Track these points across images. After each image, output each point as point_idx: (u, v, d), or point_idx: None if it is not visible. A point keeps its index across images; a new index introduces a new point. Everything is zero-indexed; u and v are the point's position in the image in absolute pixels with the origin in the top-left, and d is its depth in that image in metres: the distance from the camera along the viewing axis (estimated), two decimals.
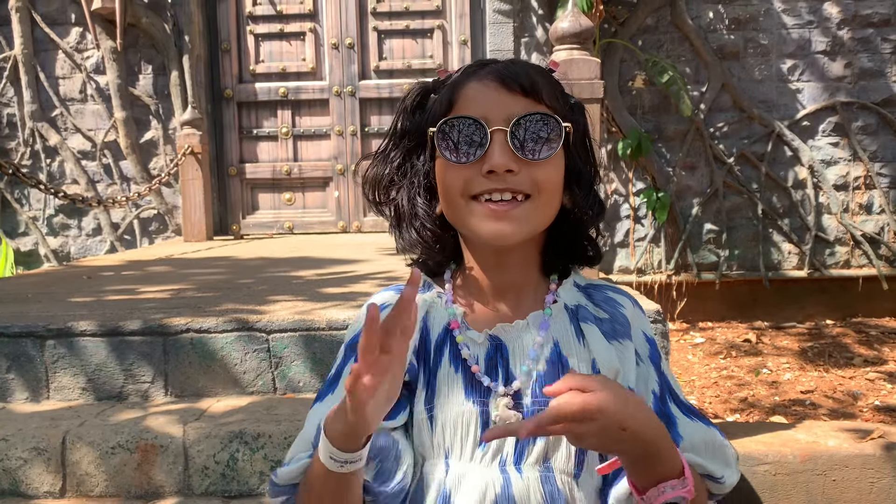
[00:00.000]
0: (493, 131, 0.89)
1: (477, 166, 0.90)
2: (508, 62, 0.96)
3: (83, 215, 5.25)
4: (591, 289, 1.02)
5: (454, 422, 0.92)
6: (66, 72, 5.18)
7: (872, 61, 4.94)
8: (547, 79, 0.95)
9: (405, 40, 5.34)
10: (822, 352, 4.12)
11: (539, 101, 0.91)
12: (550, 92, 0.94)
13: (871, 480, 2.44)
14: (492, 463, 0.91)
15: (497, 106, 0.90)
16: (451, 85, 0.95)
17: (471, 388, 0.93)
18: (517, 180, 0.89)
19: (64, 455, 1.87)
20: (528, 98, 0.91)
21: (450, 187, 0.92)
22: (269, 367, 2.16)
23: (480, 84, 0.92)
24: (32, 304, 2.60)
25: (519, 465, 0.91)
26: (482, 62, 0.97)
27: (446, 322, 0.96)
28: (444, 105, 0.94)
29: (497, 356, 0.94)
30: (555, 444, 0.92)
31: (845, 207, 5.03)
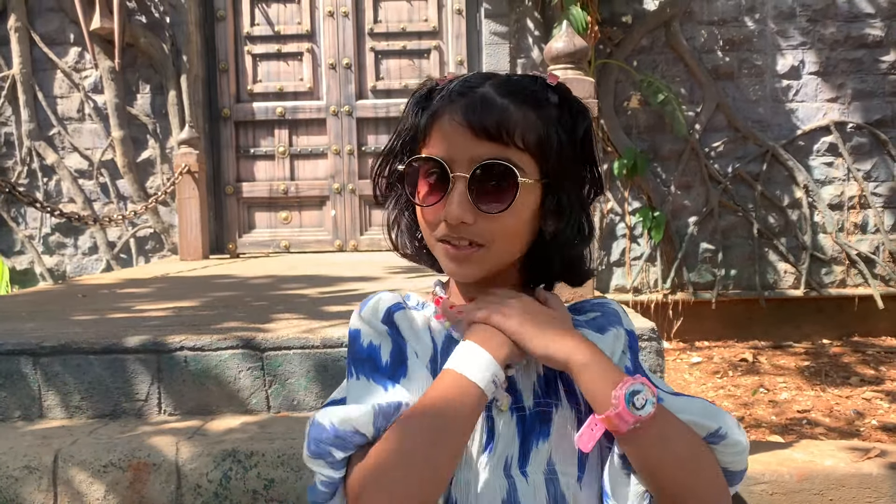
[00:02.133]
0: (455, 177, 0.89)
1: (441, 207, 0.91)
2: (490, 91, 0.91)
3: (79, 234, 5.24)
4: (577, 304, 1.04)
5: None
6: (64, 91, 5.20)
7: (865, 82, 4.98)
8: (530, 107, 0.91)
9: (402, 61, 5.38)
10: (820, 371, 4.11)
11: (507, 145, 0.89)
12: (528, 126, 0.90)
13: (868, 500, 2.43)
14: (497, 468, 0.91)
15: (462, 148, 0.90)
16: (430, 113, 0.94)
17: None
18: (472, 231, 0.90)
19: (56, 473, 1.86)
20: (497, 143, 0.89)
21: (422, 225, 0.96)
22: (264, 385, 2.16)
23: (451, 121, 0.91)
24: (27, 321, 2.59)
25: (524, 469, 0.91)
26: (467, 85, 0.93)
27: (446, 331, 0.98)
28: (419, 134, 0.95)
29: None
30: (558, 447, 0.92)
31: (840, 227, 5.04)
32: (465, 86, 0.93)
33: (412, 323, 0.98)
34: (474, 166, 0.89)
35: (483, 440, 0.91)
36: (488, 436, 0.91)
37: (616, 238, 5.08)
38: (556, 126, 0.92)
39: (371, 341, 0.95)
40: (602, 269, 5.06)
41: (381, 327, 0.96)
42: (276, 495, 1.86)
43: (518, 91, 0.92)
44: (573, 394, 0.93)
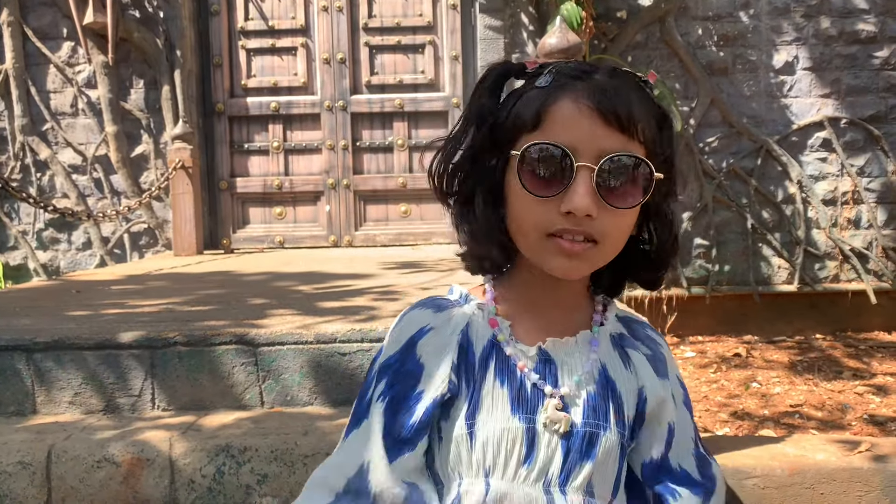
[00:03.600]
0: (580, 167, 0.84)
1: (556, 201, 0.85)
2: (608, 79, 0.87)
3: (73, 229, 5.23)
4: (631, 322, 1.00)
5: (498, 439, 0.88)
6: (57, 86, 5.19)
7: (859, 78, 4.99)
8: (644, 103, 0.88)
9: (396, 55, 5.37)
10: (812, 365, 4.14)
11: (633, 138, 0.85)
12: (647, 123, 0.87)
13: (858, 494, 2.44)
14: (536, 483, 0.88)
15: (589, 138, 0.84)
16: (542, 96, 0.87)
17: (517, 403, 0.90)
18: (593, 225, 0.85)
19: (49, 469, 1.86)
20: (624, 134, 0.85)
21: (524, 219, 0.88)
22: (258, 380, 2.16)
23: (575, 106, 0.85)
24: (20, 317, 2.59)
25: (564, 488, 0.88)
26: (579, 70, 0.88)
27: (491, 335, 0.93)
28: (531, 118, 0.87)
29: (546, 370, 0.92)
30: (601, 469, 0.90)
31: (834, 222, 5.06)
32: (579, 69, 0.88)
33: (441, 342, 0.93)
34: (602, 157, 0.83)
35: (522, 453, 0.89)
36: (528, 449, 0.89)
37: None
38: (666, 130, 0.90)
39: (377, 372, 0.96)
40: None
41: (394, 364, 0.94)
42: (270, 490, 1.87)
43: (632, 80, 0.89)
44: (622, 419, 0.92)
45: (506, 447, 0.88)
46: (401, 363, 0.93)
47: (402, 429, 0.90)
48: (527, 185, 0.86)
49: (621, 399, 0.92)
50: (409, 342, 0.93)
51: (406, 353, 0.93)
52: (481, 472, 0.89)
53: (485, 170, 0.91)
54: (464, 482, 0.89)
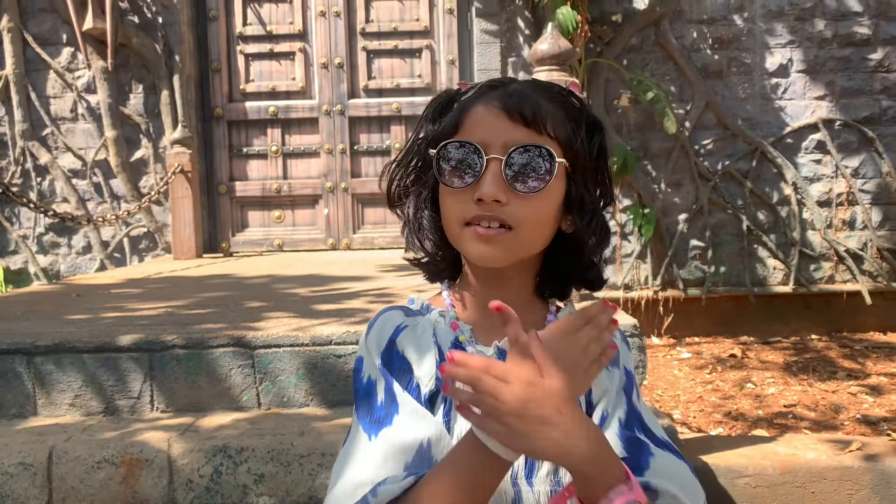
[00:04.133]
0: (489, 159, 0.92)
1: (470, 192, 0.93)
2: (522, 86, 0.97)
3: (73, 233, 5.27)
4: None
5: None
6: (57, 91, 5.22)
7: (853, 80, 5.03)
8: (558, 105, 0.96)
9: (394, 60, 5.41)
10: (807, 366, 4.17)
11: (541, 132, 0.93)
12: (557, 120, 0.95)
13: (849, 492, 2.47)
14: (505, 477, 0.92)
15: (497, 133, 0.93)
16: (461, 105, 0.98)
17: None
18: (504, 211, 0.92)
19: (50, 469, 1.89)
20: (530, 128, 0.93)
21: (447, 212, 0.97)
22: (255, 382, 2.19)
23: (485, 109, 0.94)
24: (21, 321, 2.62)
25: (530, 480, 0.94)
26: (498, 82, 0.98)
27: (454, 339, 0.99)
28: (450, 125, 0.97)
29: None
30: None
31: (829, 223, 5.09)
32: (496, 82, 0.98)
33: (418, 341, 0.99)
34: (509, 149, 0.92)
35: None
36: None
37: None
38: (580, 128, 0.97)
39: (370, 376, 0.98)
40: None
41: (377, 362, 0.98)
42: (266, 490, 1.90)
43: (548, 89, 0.98)
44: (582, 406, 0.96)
45: None
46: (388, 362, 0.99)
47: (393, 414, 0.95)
48: (444, 178, 0.95)
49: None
50: (389, 341, 0.99)
51: (390, 352, 0.99)
52: None
53: (424, 181, 1.01)
54: None
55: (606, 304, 0.85)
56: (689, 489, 0.94)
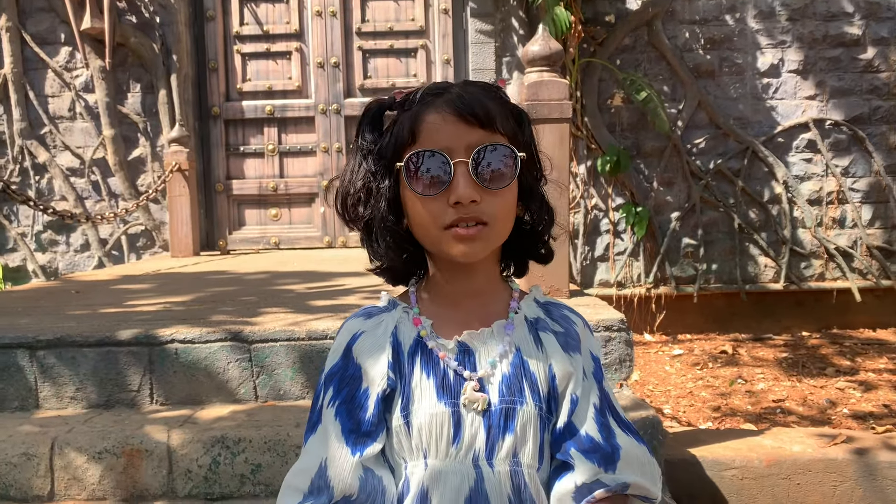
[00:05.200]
0: (457, 163, 0.97)
1: (443, 198, 0.97)
2: (462, 90, 1.02)
3: (71, 231, 5.31)
4: (550, 305, 1.10)
5: (429, 424, 0.99)
6: (55, 90, 5.26)
7: (843, 80, 5.09)
8: (498, 102, 1.02)
9: (389, 59, 5.46)
10: (797, 362, 4.22)
11: (494, 130, 0.99)
12: (503, 117, 1.01)
13: (833, 483, 2.53)
14: (465, 459, 0.99)
15: (457, 137, 0.97)
16: (412, 116, 1.01)
17: (441, 391, 1.00)
18: (480, 209, 0.97)
19: (53, 460, 1.94)
20: (485, 129, 0.98)
21: (423, 218, 1.00)
22: (251, 375, 2.24)
23: (439, 115, 0.99)
24: (22, 316, 2.67)
25: (491, 461, 0.98)
26: (437, 89, 1.03)
27: (416, 334, 1.04)
28: (406, 136, 1.00)
29: (465, 360, 1.02)
30: (522, 440, 0.99)
31: (819, 222, 5.15)
32: (437, 88, 1.02)
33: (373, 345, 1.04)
34: (472, 151, 0.97)
35: (451, 434, 0.99)
36: (455, 430, 0.99)
37: (600, 234, 5.18)
38: (519, 122, 1.04)
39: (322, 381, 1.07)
40: (586, 264, 5.16)
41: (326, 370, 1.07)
42: (263, 479, 1.95)
43: (487, 88, 1.03)
44: (536, 393, 1.01)
45: (436, 430, 1.00)
46: (344, 369, 1.05)
47: (360, 424, 1.02)
48: (417, 189, 0.99)
49: (534, 376, 1.02)
50: (346, 349, 1.06)
51: (346, 359, 1.06)
52: (420, 454, 1.00)
53: (380, 192, 1.05)
54: (408, 465, 1.01)
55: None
56: (647, 469, 1.02)
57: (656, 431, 2.07)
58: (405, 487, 1.00)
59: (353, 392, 1.03)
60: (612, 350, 2.19)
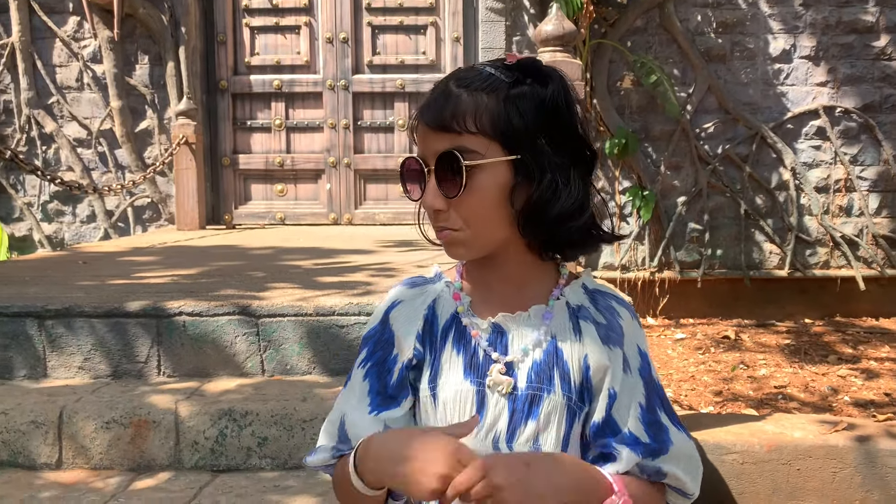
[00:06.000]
0: (428, 171, 0.98)
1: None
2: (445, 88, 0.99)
3: (77, 202, 5.32)
4: (597, 294, 1.06)
5: (453, 399, 1.00)
6: (63, 60, 5.25)
7: (855, 67, 5.05)
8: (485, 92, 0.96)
9: (398, 36, 5.42)
10: (799, 349, 4.23)
11: (461, 132, 0.95)
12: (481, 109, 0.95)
13: (833, 470, 2.55)
14: (486, 439, 0.99)
15: (428, 145, 0.99)
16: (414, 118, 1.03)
17: (469, 368, 1.01)
18: (448, 217, 0.98)
19: (61, 428, 1.96)
20: (449, 132, 0.96)
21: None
22: (259, 350, 2.26)
23: (420, 122, 1.00)
24: (30, 286, 2.68)
25: (511, 444, 0.99)
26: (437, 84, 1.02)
27: (453, 310, 1.05)
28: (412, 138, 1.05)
29: (497, 341, 1.02)
30: (545, 426, 0.99)
31: (826, 209, 5.14)
32: (433, 88, 1.02)
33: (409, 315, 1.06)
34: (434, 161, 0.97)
35: (473, 412, 1.00)
36: (478, 409, 1.00)
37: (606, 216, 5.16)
38: (514, 102, 0.96)
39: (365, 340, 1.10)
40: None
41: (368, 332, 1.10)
42: (269, 452, 1.97)
43: (471, 79, 0.98)
44: (567, 382, 1.00)
45: (460, 407, 1.01)
46: (380, 333, 1.08)
47: (385, 387, 1.05)
48: (406, 190, 1.03)
49: (567, 365, 1.01)
50: (384, 315, 1.08)
51: (383, 325, 1.08)
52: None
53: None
54: None
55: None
56: (691, 465, 1.01)
57: None
58: None
59: (385, 357, 1.06)
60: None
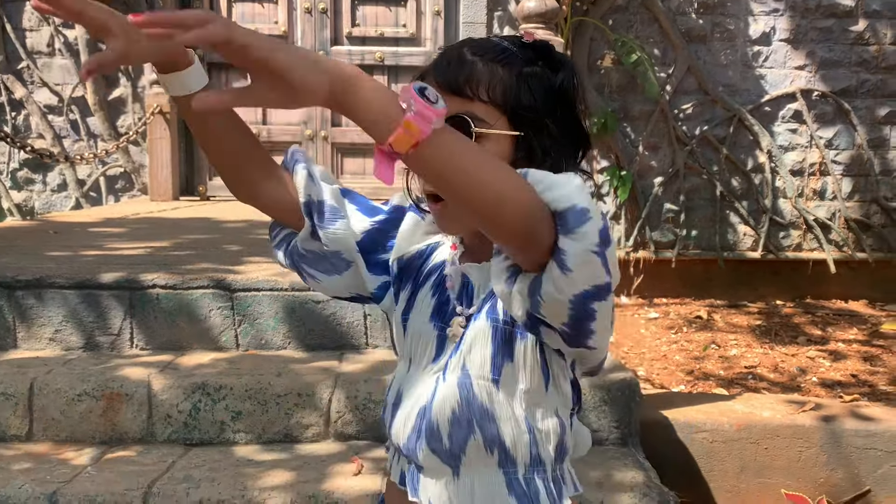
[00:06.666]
0: None
1: None
2: (458, 52, 0.98)
3: (48, 170, 5.22)
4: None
5: (418, 335, 1.04)
6: (33, 24, 5.12)
7: (833, 51, 5.08)
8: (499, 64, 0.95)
9: (378, 7, 5.36)
10: (770, 330, 4.30)
11: (472, 98, 0.94)
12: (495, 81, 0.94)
13: (799, 449, 2.60)
14: (433, 375, 1.02)
15: None
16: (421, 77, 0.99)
17: (436, 313, 1.03)
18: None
19: (31, 401, 1.94)
20: (459, 96, 0.94)
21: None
22: (233, 324, 2.24)
23: (430, 82, 0.97)
24: (0, 256, 2.63)
25: (444, 374, 1.01)
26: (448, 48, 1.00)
27: (445, 257, 1.06)
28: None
29: (464, 290, 1.03)
30: (468, 352, 0.99)
31: (800, 192, 5.19)
32: (445, 50, 1.01)
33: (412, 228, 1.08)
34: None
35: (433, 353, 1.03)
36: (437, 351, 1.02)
37: None
38: (526, 80, 0.96)
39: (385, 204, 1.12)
40: None
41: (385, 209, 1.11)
42: (243, 426, 1.96)
43: (488, 49, 0.97)
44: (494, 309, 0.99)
45: (421, 345, 1.04)
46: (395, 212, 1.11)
47: (375, 248, 1.09)
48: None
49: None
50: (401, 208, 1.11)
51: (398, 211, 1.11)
52: (407, 357, 1.06)
53: None
54: (401, 362, 1.08)
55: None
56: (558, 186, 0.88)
57: (634, 393, 2.11)
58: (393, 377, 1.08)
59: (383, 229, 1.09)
60: None
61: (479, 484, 1.00)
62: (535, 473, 1.00)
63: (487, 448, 0.98)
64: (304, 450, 1.94)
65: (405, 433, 1.02)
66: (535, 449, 0.99)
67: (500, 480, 0.99)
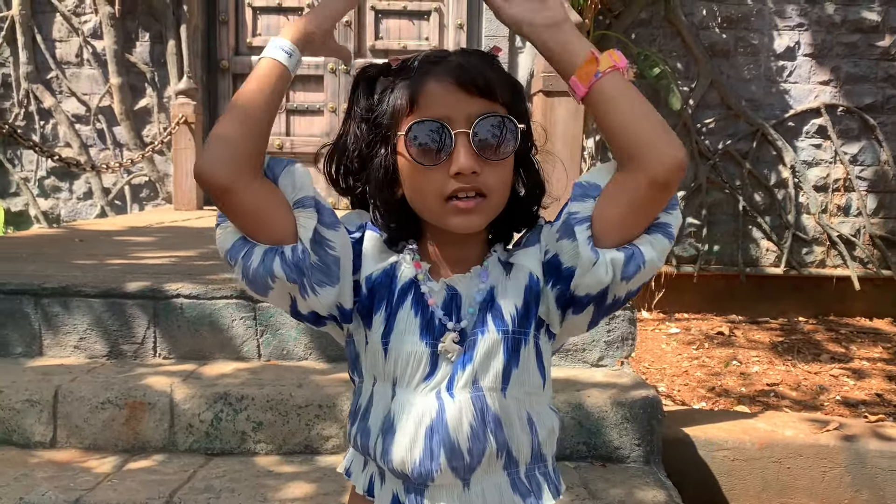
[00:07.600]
0: (458, 133, 0.96)
1: (443, 168, 0.97)
2: (461, 58, 1.00)
3: (75, 179, 5.29)
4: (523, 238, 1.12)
5: (407, 357, 1.02)
6: (63, 35, 5.20)
7: (858, 66, 5.04)
8: (496, 71, 1.01)
9: (402, 21, 5.39)
10: (792, 347, 4.25)
11: (495, 100, 0.99)
12: (503, 88, 1.00)
13: (823, 469, 2.57)
14: (430, 393, 1.01)
15: (457, 107, 0.97)
16: (411, 84, 1.00)
17: (425, 331, 1.02)
18: (479, 180, 0.97)
19: (56, 408, 1.96)
20: (484, 98, 0.98)
21: (423, 189, 1.00)
22: (256, 334, 2.25)
23: (440, 85, 0.98)
24: (28, 263, 2.67)
25: (451, 391, 1.01)
26: (435, 57, 1.01)
27: (413, 275, 1.05)
28: (404, 105, 1.00)
29: (452, 303, 1.04)
30: (482, 367, 1.01)
31: (824, 208, 5.15)
32: (435, 56, 1.01)
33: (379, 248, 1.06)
34: (472, 121, 0.96)
35: (426, 371, 1.02)
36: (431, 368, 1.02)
37: None
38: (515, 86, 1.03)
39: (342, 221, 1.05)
40: None
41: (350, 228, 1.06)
42: (264, 437, 1.97)
43: (482, 57, 1.02)
44: (500, 319, 1.02)
45: (413, 364, 1.03)
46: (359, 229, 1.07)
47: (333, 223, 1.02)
48: (417, 158, 0.99)
49: (499, 306, 1.03)
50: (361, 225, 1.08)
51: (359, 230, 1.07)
52: (391, 380, 1.04)
53: (375, 161, 1.04)
54: (377, 385, 1.05)
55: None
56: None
57: (656, 411, 2.09)
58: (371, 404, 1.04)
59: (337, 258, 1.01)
60: (615, 328, 2.20)
61: (488, 490, 1.02)
62: (535, 469, 1.05)
63: (498, 454, 1.01)
64: (325, 461, 1.95)
65: (414, 457, 1.01)
66: (537, 446, 1.04)
67: (505, 482, 1.03)
